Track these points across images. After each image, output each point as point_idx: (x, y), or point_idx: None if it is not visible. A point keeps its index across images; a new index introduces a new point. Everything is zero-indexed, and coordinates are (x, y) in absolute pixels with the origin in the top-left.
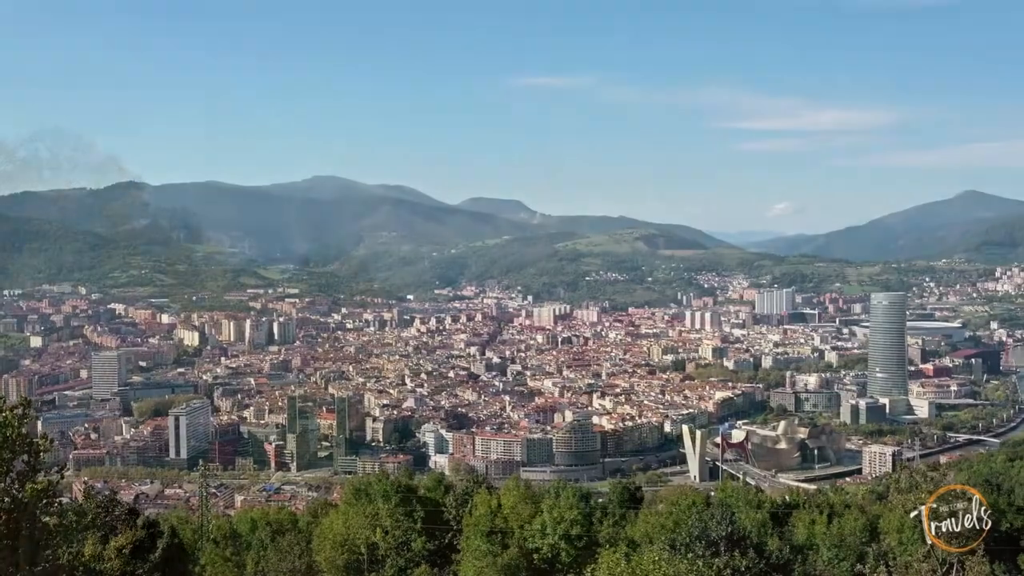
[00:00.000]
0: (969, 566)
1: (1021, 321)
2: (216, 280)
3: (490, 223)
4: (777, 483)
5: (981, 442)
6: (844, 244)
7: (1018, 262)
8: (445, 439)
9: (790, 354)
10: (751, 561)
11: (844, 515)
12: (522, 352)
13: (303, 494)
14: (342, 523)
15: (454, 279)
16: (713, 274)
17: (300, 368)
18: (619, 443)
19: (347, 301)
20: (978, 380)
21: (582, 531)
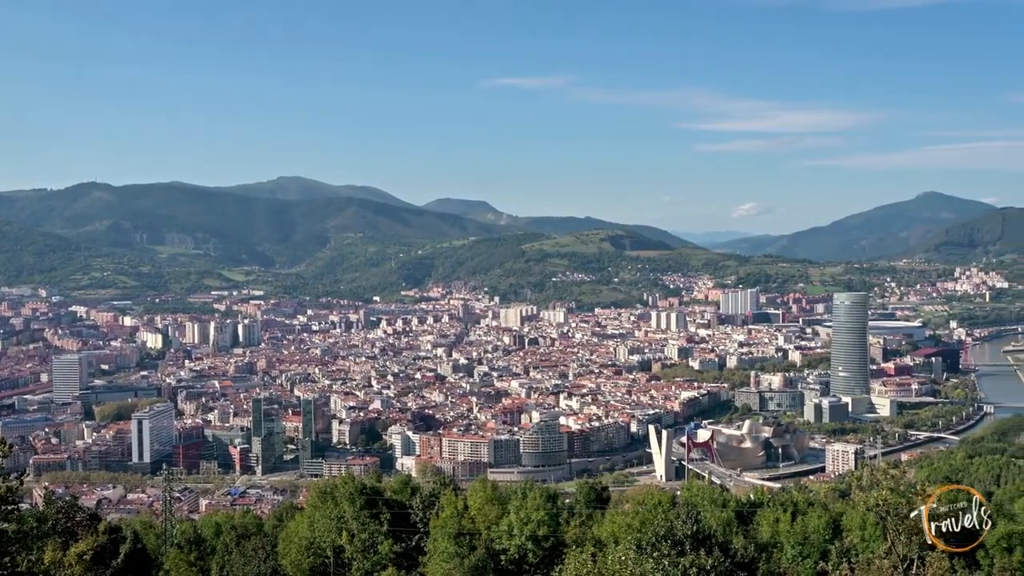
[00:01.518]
0: (929, 562)
1: (980, 320)
2: (180, 282)
3: (457, 224)
4: (742, 482)
5: (941, 440)
6: (808, 245)
7: (976, 262)
8: (412, 441)
9: (755, 354)
10: (716, 560)
11: (808, 513)
12: (489, 353)
13: (268, 497)
14: (308, 526)
15: (421, 280)
16: (679, 275)
17: (265, 370)
18: (586, 443)
19: (313, 303)
20: (938, 378)
21: (549, 531)
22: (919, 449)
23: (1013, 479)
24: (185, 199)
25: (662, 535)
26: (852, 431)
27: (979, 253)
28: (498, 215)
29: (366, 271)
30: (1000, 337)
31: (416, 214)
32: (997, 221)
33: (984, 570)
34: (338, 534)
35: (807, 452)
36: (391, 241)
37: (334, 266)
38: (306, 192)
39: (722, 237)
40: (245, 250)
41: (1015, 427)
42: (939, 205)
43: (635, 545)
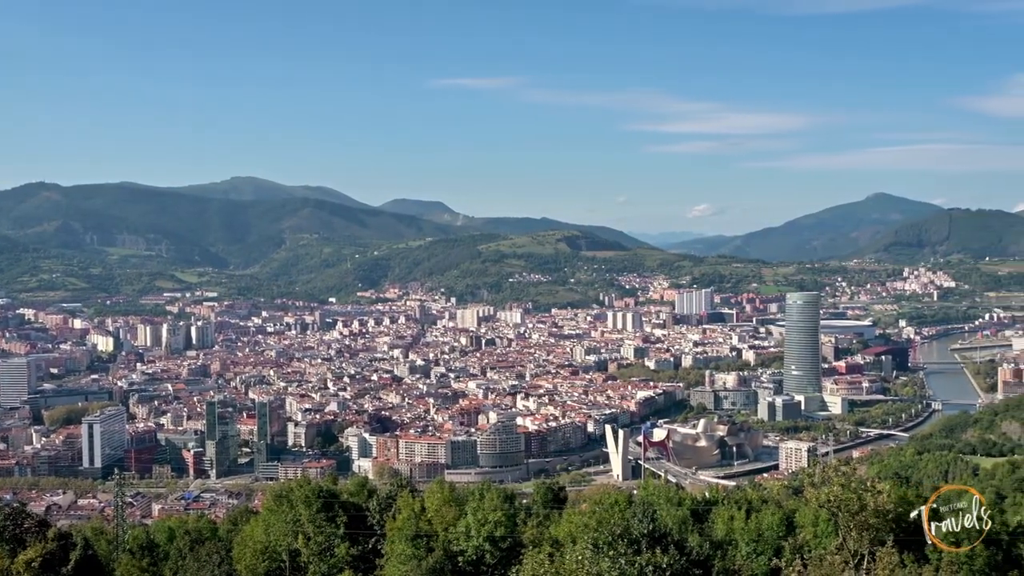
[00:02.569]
0: (879, 557)
1: (928, 319)
2: (131, 284)
3: (413, 225)
4: (698, 480)
5: (891, 437)
6: (761, 245)
7: (924, 262)
8: (369, 443)
9: (709, 353)
10: (672, 558)
11: (762, 510)
12: (446, 354)
13: (223, 501)
14: (263, 530)
15: (377, 281)
16: (634, 275)
17: (219, 373)
18: (543, 443)
19: (267, 304)
20: (888, 377)
21: (506, 532)
22: (870, 446)
23: (960, 474)
24: (136, 200)
25: (618, 534)
26: (805, 429)
27: (927, 253)
28: (454, 216)
29: (322, 272)
30: (947, 336)
31: (372, 215)
32: (944, 222)
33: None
34: (294, 537)
35: (761, 450)
36: (347, 242)
37: (289, 267)
38: (260, 193)
39: (677, 238)
40: (198, 251)
41: (962, 424)
42: (888, 206)
43: (592, 544)
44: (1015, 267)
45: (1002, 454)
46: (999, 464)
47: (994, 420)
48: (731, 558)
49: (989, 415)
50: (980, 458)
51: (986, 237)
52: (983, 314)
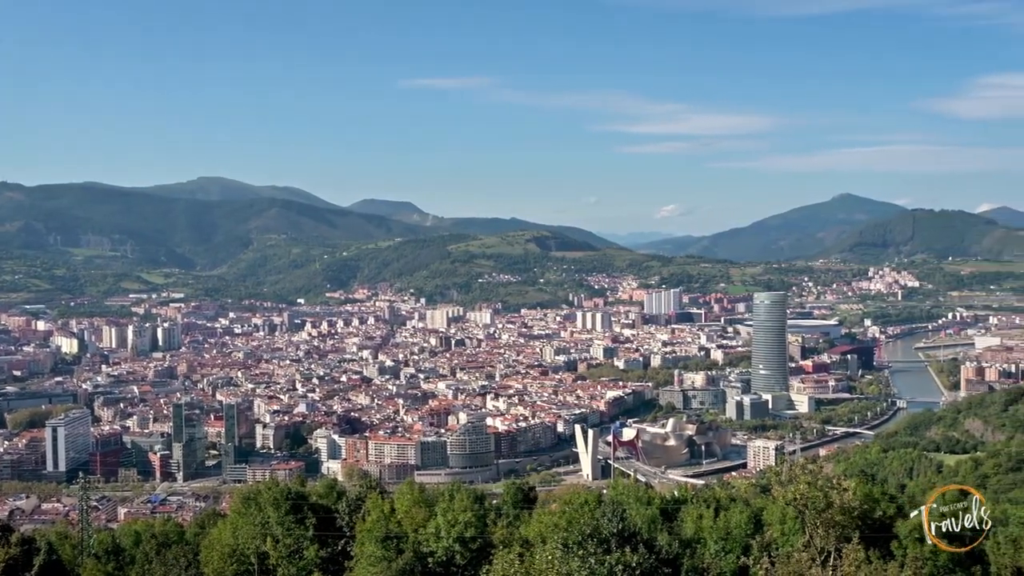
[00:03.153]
0: (846, 553)
1: (892, 318)
2: (96, 285)
3: (382, 225)
4: (667, 479)
5: (857, 435)
6: (729, 245)
7: (889, 262)
8: (338, 444)
9: (678, 353)
10: (641, 557)
11: (730, 508)
12: (415, 355)
13: (190, 504)
14: (231, 533)
15: (346, 282)
16: (603, 275)
17: (186, 375)
18: (513, 444)
19: (235, 305)
20: (854, 375)
21: (476, 533)
22: (836, 444)
23: (925, 471)
24: (101, 200)
25: (588, 533)
26: (772, 428)
27: (891, 253)
28: (424, 216)
29: (290, 273)
30: (912, 335)
31: (341, 215)
32: (908, 222)
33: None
34: (262, 540)
35: (729, 449)
36: (315, 242)
37: (257, 268)
38: (227, 193)
39: (645, 238)
40: (164, 252)
41: (926, 421)
42: (854, 207)
43: (562, 544)
44: (977, 267)
45: (965, 451)
46: (962, 461)
47: (957, 418)
48: (700, 556)
49: (952, 413)
50: (944, 455)
51: (949, 237)
52: (946, 313)
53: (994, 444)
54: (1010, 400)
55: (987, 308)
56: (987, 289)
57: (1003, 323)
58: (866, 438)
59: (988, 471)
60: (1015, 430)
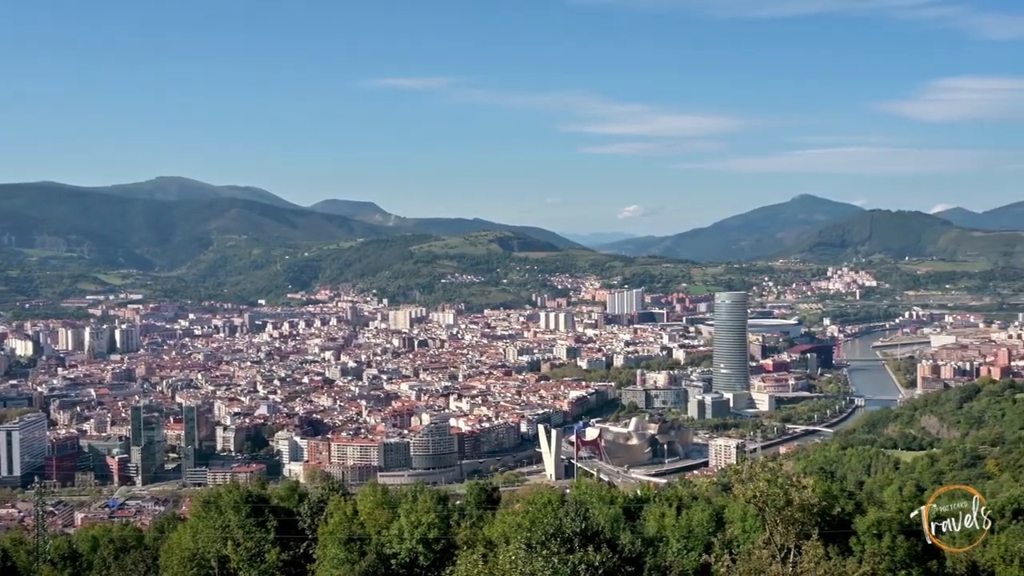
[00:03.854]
0: (805, 550)
1: (851, 317)
2: (51, 286)
3: (344, 225)
4: (629, 478)
5: (817, 432)
6: (690, 245)
7: (847, 262)
8: (300, 446)
9: (640, 353)
10: (604, 556)
11: (692, 507)
12: (378, 356)
13: (149, 509)
14: (191, 537)
15: (307, 283)
16: (566, 275)
17: (145, 377)
18: (476, 444)
19: (195, 306)
20: (813, 374)
21: (440, 534)
22: (796, 442)
23: (882, 468)
24: (57, 200)
25: (551, 533)
26: (733, 426)
27: (850, 253)
28: (386, 216)
29: (250, 274)
30: (870, 333)
31: (302, 215)
32: (866, 223)
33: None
34: (223, 544)
35: (691, 447)
36: (276, 243)
37: (217, 269)
38: (186, 193)
39: (608, 238)
40: (122, 253)
41: (883, 419)
42: (813, 207)
43: (525, 544)
44: (933, 267)
45: (921, 448)
46: (919, 457)
47: (914, 415)
48: (662, 554)
49: (909, 410)
50: (901, 452)
51: (905, 237)
52: (903, 312)
53: (949, 441)
54: (965, 397)
55: (942, 307)
56: (942, 288)
57: (958, 322)
58: (825, 436)
59: (944, 467)
60: (969, 427)
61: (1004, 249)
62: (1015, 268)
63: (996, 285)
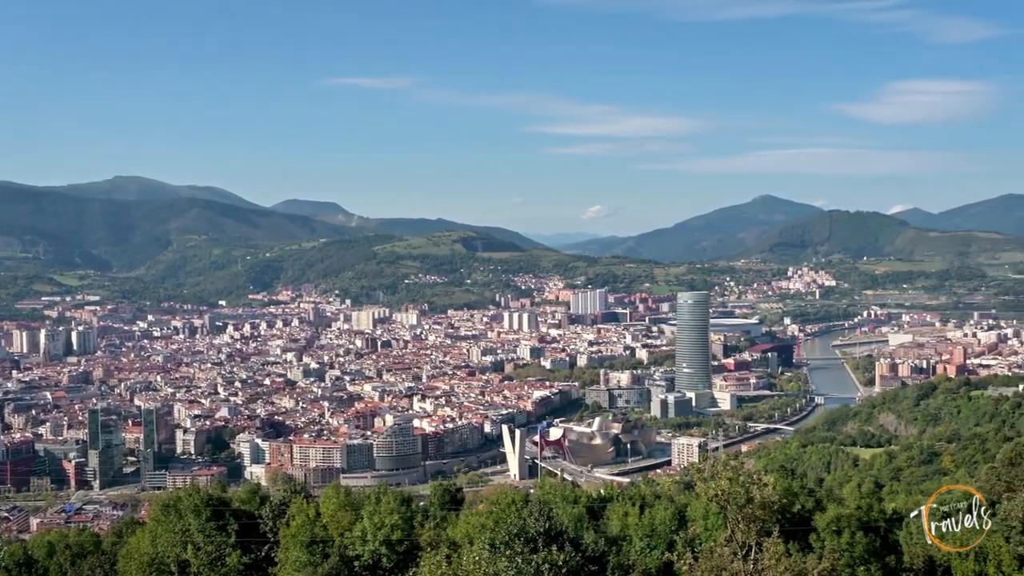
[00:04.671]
0: (766, 547)
1: (811, 316)
2: (5, 287)
3: (306, 225)
4: (593, 478)
5: (778, 431)
6: (653, 246)
7: (807, 262)
8: (261, 448)
9: (604, 352)
10: (568, 555)
11: (655, 506)
12: (341, 357)
13: (107, 513)
14: (150, 542)
15: (269, 283)
16: (530, 275)
17: (102, 379)
18: (440, 445)
19: (154, 307)
20: (774, 372)
21: (403, 535)
22: (757, 440)
23: (841, 466)
24: (11, 199)
25: (515, 533)
26: (696, 425)
27: (809, 253)
28: (349, 216)
29: (211, 274)
30: (829, 332)
31: (263, 215)
32: (825, 223)
33: (816, 552)
34: (183, 548)
35: (654, 447)
36: (237, 243)
37: (176, 269)
38: (145, 192)
39: (571, 239)
40: (79, 253)
41: (843, 417)
42: (773, 208)
43: (489, 544)
44: (890, 266)
45: (879, 445)
46: (877, 455)
47: (872, 413)
48: (626, 553)
49: (868, 408)
50: (860, 449)
51: (864, 238)
52: (862, 311)
53: (907, 438)
54: (922, 395)
55: (900, 306)
56: (900, 288)
57: (915, 321)
58: (786, 434)
59: (901, 464)
60: (926, 424)
61: (959, 249)
62: (970, 268)
63: (952, 285)
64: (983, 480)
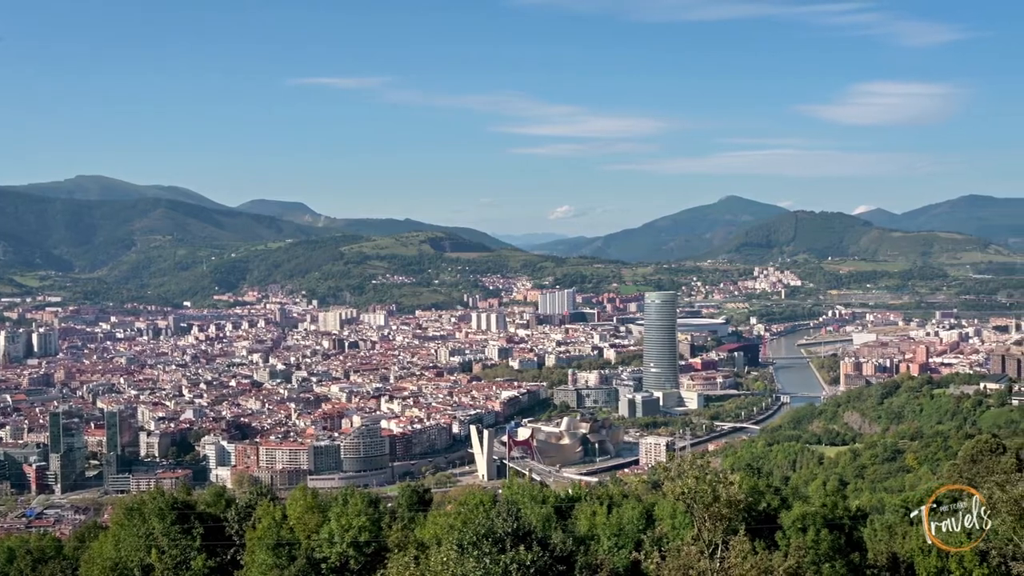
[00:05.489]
0: (732, 545)
1: (776, 316)
2: None
3: (272, 226)
4: (561, 478)
5: (744, 429)
6: (620, 246)
7: (773, 262)
8: (227, 451)
9: (572, 352)
10: (536, 555)
11: (622, 505)
12: (307, 358)
13: (69, 518)
14: (113, 546)
15: (235, 284)
16: (498, 276)
17: (64, 382)
18: (408, 446)
19: (117, 309)
20: (740, 372)
21: (371, 537)
22: (724, 439)
23: (807, 464)
24: None
25: (483, 534)
26: (663, 424)
27: (775, 253)
28: (316, 217)
29: (175, 275)
30: (794, 331)
31: (229, 215)
32: (791, 223)
33: (782, 550)
34: (147, 552)
35: (622, 446)
36: (202, 244)
37: (140, 270)
38: (108, 192)
39: (539, 239)
40: (40, 254)
41: (808, 415)
42: (739, 208)
43: (457, 545)
44: (855, 266)
45: (844, 443)
46: (842, 452)
47: (837, 411)
48: (594, 552)
49: (832, 407)
50: (825, 447)
51: (829, 238)
52: (826, 311)
53: (871, 436)
54: (885, 393)
55: (864, 306)
56: (864, 287)
57: (878, 320)
58: (752, 432)
59: (866, 461)
60: (890, 422)
61: (922, 249)
62: (932, 268)
63: (914, 284)
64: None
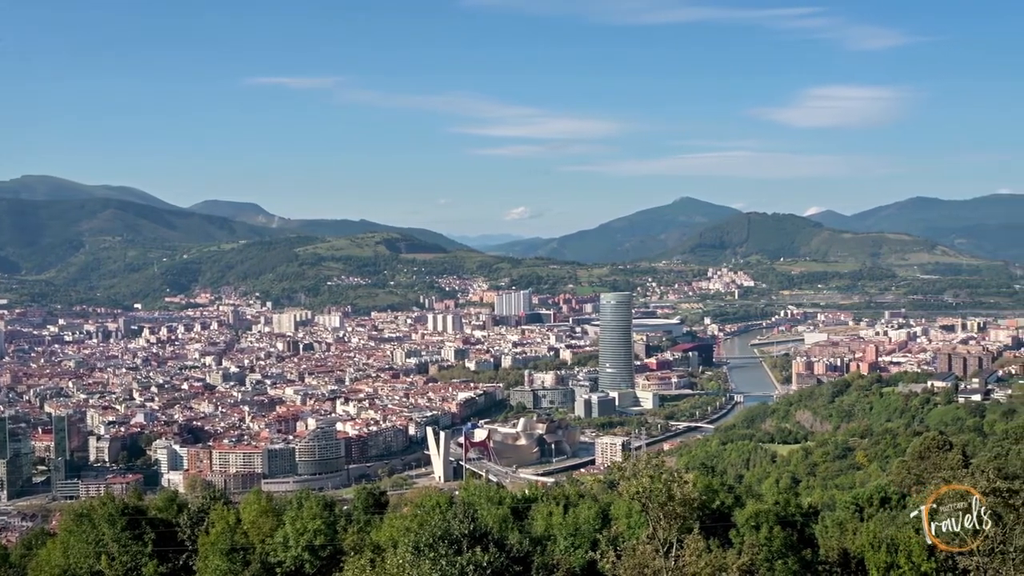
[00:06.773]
0: (687, 544)
1: (730, 316)
2: None
3: (225, 227)
4: (518, 478)
5: (699, 429)
6: (576, 247)
7: (726, 263)
8: (179, 454)
9: (528, 353)
10: (492, 556)
11: (579, 505)
12: (261, 360)
13: (16, 525)
14: (61, 553)
15: (187, 286)
16: (454, 277)
17: (10, 386)
18: (364, 448)
19: (65, 311)
20: (695, 371)
21: (326, 540)
22: (679, 438)
23: (760, 462)
24: None
25: (439, 535)
26: (619, 424)
27: (729, 254)
28: (270, 217)
29: (126, 277)
30: (748, 331)
31: (181, 216)
32: (743, 225)
33: (736, 547)
34: (96, 559)
35: (578, 446)
36: (154, 245)
37: (89, 272)
38: (56, 192)
39: (495, 240)
40: None
41: (761, 414)
42: (693, 210)
43: (413, 547)
44: (806, 267)
45: (796, 441)
46: (794, 451)
47: (789, 410)
48: (550, 553)
49: (785, 405)
50: (778, 446)
51: (781, 239)
52: (779, 311)
53: (822, 434)
54: (836, 392)
55: (815, 306)
56: (815, 288)
57: (829, 319)
58: (707, 432)
59: (817, 459)
60: (840, 420)
61: (871, 250)
62: (881, 268)
63: (864, 284)
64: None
